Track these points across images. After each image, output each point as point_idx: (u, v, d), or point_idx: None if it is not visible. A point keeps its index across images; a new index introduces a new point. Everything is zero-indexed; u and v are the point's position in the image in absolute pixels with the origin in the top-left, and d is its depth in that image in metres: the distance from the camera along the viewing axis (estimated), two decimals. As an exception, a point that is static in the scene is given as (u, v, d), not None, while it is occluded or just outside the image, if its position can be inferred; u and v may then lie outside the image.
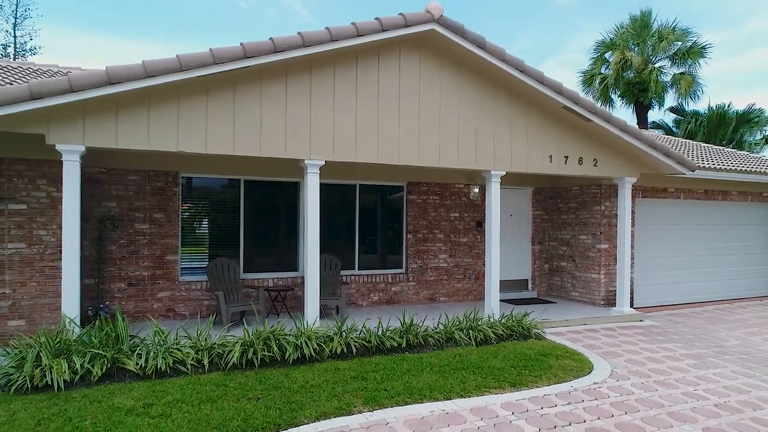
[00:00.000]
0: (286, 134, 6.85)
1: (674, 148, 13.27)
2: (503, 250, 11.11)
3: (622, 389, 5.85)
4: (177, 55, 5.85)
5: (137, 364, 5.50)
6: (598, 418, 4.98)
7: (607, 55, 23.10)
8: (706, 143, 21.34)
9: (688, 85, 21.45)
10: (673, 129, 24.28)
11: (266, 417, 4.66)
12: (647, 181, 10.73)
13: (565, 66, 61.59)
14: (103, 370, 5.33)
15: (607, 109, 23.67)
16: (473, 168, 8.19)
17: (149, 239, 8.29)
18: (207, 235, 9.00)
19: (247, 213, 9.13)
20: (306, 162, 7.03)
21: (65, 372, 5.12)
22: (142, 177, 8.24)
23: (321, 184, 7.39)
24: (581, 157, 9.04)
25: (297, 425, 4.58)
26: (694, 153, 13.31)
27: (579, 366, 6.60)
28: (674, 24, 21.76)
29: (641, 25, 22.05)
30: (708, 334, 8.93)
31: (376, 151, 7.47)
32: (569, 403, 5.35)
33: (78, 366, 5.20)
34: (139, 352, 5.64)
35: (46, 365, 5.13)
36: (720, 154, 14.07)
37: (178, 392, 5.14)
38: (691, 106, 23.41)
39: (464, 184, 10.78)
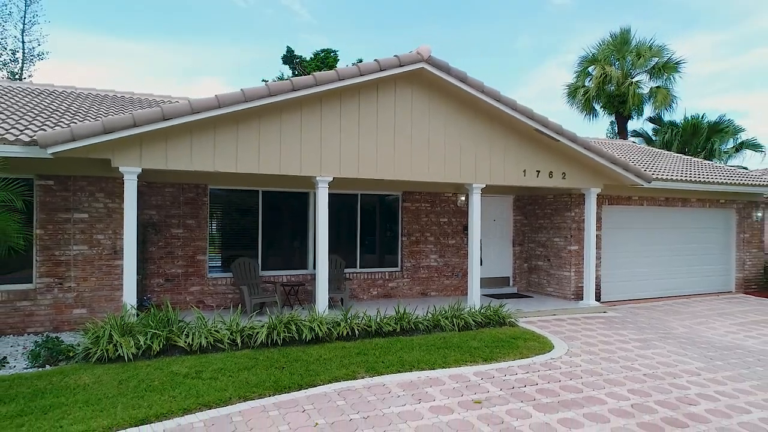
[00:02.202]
0: (301, 156, 8.18)
1: (646, 157, 14.59)
2: (487, 251, 12.49)
3: (572, 363, 7.18)
4: (216, 95, 7.18)
5: (185, 342, 6.81)
6: (548, 382, 6.30)
7: (590, 69, 24.45)
8: (681, 152, 22.73)
9: (664, 98, 22.82)
10: (653, 138, 25.62)
11: (291, 380, 5.97)
12: (614, 191, 12.06)
13: (564, 66, 62.44)
14: (160, 346, 6.64)
15: (590, 120, 25.15)
16: (457, 182, 9.52)
17: (183, 242, 9.60)
18: (231, 238, 10.31)
19: (265, 219, 10.45)
20: (317, 178, 8.36)
21: (132, 347, 6.44)
22: (177, 189, 9.55)
23: (328, 194, 8.71)
24: (551, 171, 10.36)
25: (315, 385, 5.90)
26: (663, 163, 14.63)
27: (541, 346, 7.93)
28: (651, 41, 23.18)
29: (621, 41, 23.42)
30: (660, 323, 10.24)
31: (375, 168, 8.79)
32: (527, 372, 6.67)
33: (141, 342, 6.52)
34: (187, 332, 6.95)
35: (117, 342, 6.45)
36: (687, 164, 15.38)
37: (220, 363, 6.46)
38: (668, 116, 24.79)
39: (452, 193, 12.12)
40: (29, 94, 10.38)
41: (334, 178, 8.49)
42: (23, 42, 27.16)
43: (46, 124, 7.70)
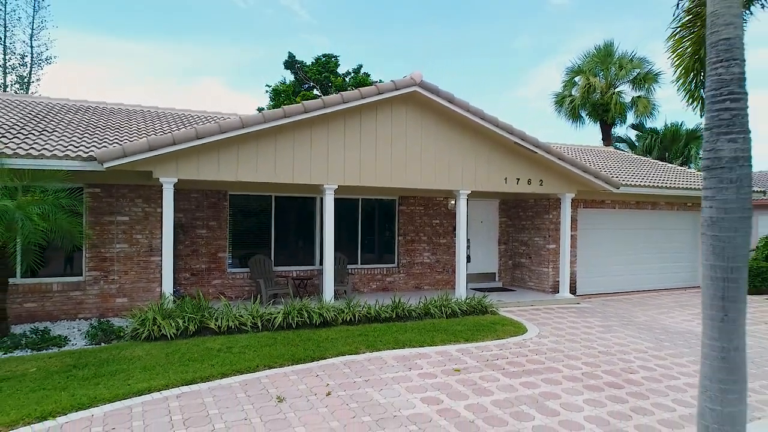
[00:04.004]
0: (311, 167, 9.39)
1: (622, 164, 15.76)
2: (475, 249, 13.70)
3: (541, 343, 8.40)
4: (240, 117, 8.38)
5: (215, 324, 8.02)
6: (517, 357, 7.51)
7: (576, 79, 25.69)
8: (661, 156, 23.97)
9: (645, 107, 24.07)
10: (636, 143, 26.87)
11: (305, 354, 7.18)
12: (588, 195, 13.25)
13: (563, 66, 62.67)
14: (195, 328, 7.85)
15: (577, 126, 26.35)
16: (446, 188, 10.73)
17: (206, 241, 10.81)
18: (247, 238, 11.52)
19: (277, 221, 11.66)
20: (325, 186, 9.57)
21: (173, 328, 7.64)
22: (201, 194, 10.76)
23: (334, 199, 9.91)
24: (530, 179, 11.57)
25: (325, 358, 7.11)
26: (636, 169, 15.82)
27: (516, 330, 9.15)
28: (633, 54, 24.41)
29: (605, 53, 24.66)
30: (626, 313, 11.44)
31: (375, 177, 10.00)
32: (501, 349, 7.89)
33: (180, 324, 7.72)
34: (216, 317, 8.16)
35: (160, 323, 7.66)
36: (659, 170, 16.57)
37: (245, 341, 7.67)
38: (651, 123, 26.06)
39: (443, 197, 13.33)
40: (69, 110, 11.58)
41: (339, 185, 9.70)
42: (32, 47, 27.68)
43: (93, 141, 8.90)
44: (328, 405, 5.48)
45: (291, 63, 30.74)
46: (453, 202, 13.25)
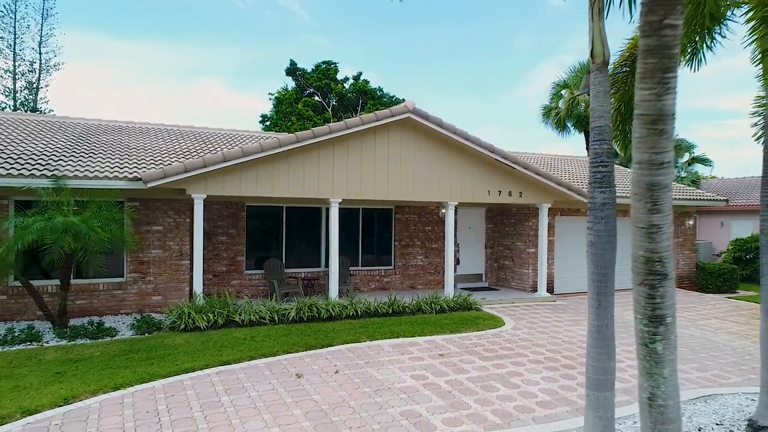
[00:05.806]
0: (318, 183, 10.74)
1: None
2: (464, 253, 15.05)
3: (514, 334, 9.75)
4: (259, 143, 9.74)
5: (240, 318, 9.36)
6: (492, 345, 8.86)
7: (563, 92, 27.09)
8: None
9: (625, 119, 25.44)
10: (619, 152, 28.23)
11: (316, 342, 8.53)
12: (565, 204, 14.58)
13: (562, 66, 62.68)
14: (223, 321, 9.19)
15: (563, 136, 27.72)
16: (436, 200, 12.09)
17: (226, 246, 12.15)
18: (261, 243, 12.86)
19: (287, 228, 13.01)
20: (331, 200, 10.92)
21: (204, 321, 8.99)
22: (221, 205, 12.11)
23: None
24: (510, 191, 12.92)
25: (332, 345, 8.45)
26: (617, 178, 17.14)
27: (495, 323, 10.50)
28: (614, 69, 25.78)
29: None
30: (596, 309, 12.78)
31: (374, 191, 11.35)
32: (480, 339, 9.24)
33: (211, 318, 9.07)
34: (240, 312, 9.51)
35: (194, 317, 9.00)
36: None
37: (265, 332, 9.02)
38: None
39: (435, 206, 14.68)
40: (105, 130, 12.92)
41: (342, 198, 11.05)
42: (40, 53, 28.40)
43: (134, 162, 10.25)
44: (337, 380, 6.83)
45: (292, 70, 32.16)
46: (443, 211, 14.60)
